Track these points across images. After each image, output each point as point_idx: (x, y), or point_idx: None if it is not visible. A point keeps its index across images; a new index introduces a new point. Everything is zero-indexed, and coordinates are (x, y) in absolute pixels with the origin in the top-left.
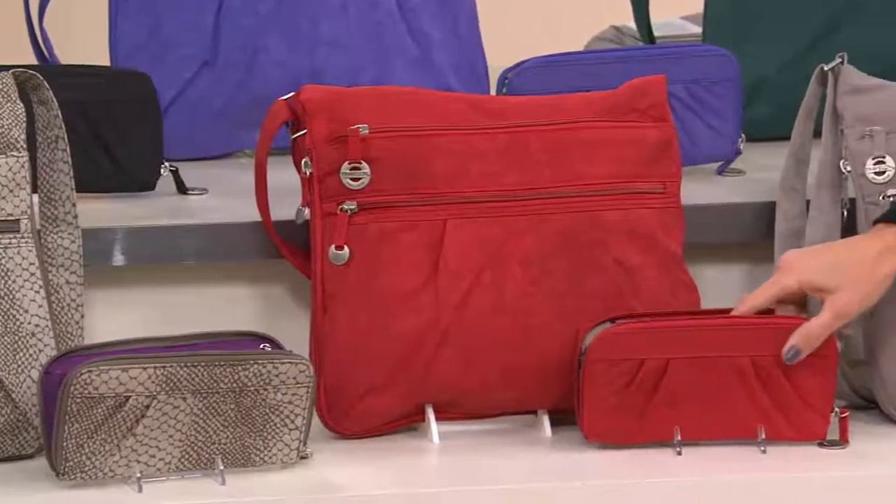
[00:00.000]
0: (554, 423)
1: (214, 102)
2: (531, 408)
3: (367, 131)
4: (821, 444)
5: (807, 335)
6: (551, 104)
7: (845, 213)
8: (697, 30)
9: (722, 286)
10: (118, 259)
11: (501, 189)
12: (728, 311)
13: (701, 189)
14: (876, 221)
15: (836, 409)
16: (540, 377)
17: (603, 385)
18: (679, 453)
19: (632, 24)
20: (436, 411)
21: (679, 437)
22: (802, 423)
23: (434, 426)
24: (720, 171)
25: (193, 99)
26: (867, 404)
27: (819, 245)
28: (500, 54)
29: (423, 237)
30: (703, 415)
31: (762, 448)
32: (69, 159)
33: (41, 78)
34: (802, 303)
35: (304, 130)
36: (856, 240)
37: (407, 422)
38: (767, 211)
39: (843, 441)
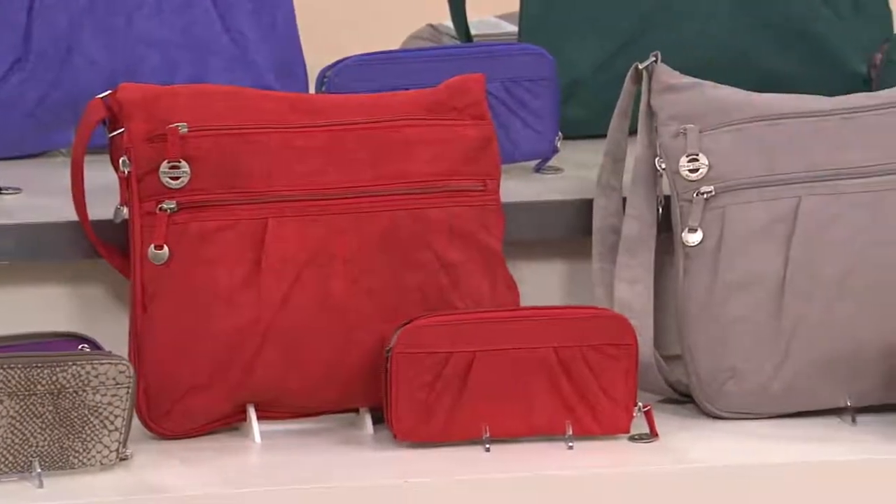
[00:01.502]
0: (377, 421)
1: (27, 101)
2: (353, 406)
3: (186, 130)
4: (631, 439)
5: None
6: (371, 102)
7: (661, 210)
8: (513, 28)
9: (541, 283)
10: None
11: (322, 188)
12: (548, 307)
13: (520, 187)
14: None
15: (640, 403)
16: (362, 375)
17: (410, 380)
18: (488, 450)
19: (448, 23)
20: (258, 410)
21: (488, 434)
22: (606, 417)
23: (256, 425)
24: (538, 169)
25: (4, 97)
26: (683, 398)
27: None
28: (319, 53)
29: (244, 236)
30: (511, 410)
31: (569, 444)
32: None
33: None
34: None
35: (122, 129)
36: None
37: (229, 421)
38: (585, 208)
39: (653, 435)
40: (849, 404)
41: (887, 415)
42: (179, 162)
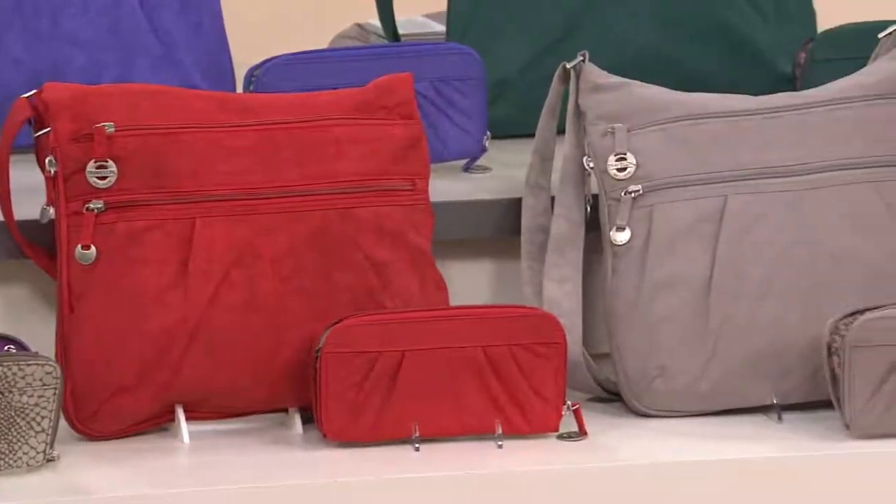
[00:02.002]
0: (306, 421)
1: None
2: (283, 406)
3: (113, 129)
4: (560, 437)
5: None
6: (300, 102)
7: (589, 209)
8: (440, 28)
9: (470, 282)
10: None
11: (251, 187)
12: (477, 307)
13: (448, 186)
14: None
15: (568, 402)
16: (291, 375)
17: (339, 380)
18: (417, 449)
19: (375, 22)
20: (187, 411)
21: (418, 434)
22: (536, 415)
23: (184, 426)
24: (467, 169)
25: None
26: (611, 397)
27: None
28: (246, 52)
29: (172, 236)
30: (441, 409)
31: (499, 443)
32: None
33: None
34: None
35: (48, 129)
36: None
37: (157, 422)
38: (514, 207)
39: (582, 433)
40: (775, 402)
41: (813, 412)
42: (106, 162)
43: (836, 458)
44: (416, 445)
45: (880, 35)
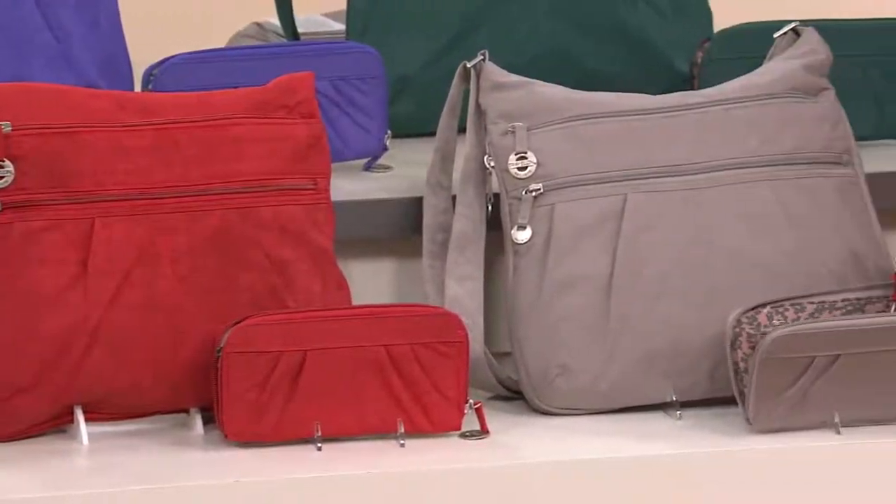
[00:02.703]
0: (208, 422)
1: None
2: (184, 406)
3: (9, 129)
4: (462, 436)
5: None
6: (200, 101)
7: (490, 207)
8: (340, 27)
9: (371, 281)
10: None
11: (150, 187)
12: (379, 306)
13: (350, 185)
14: None
15: (471, 401)
16: (191, 375)
17: (241, 380)
18: (319, 449)
19: (274, 21)
20: (86, 412)
21: (319, 433)
22: (438, 414)
23: (83, 427)
24: (368, 167)
25: None
26: (513, 395)
27: None
28: (144, 51)
29: (71, 236)
30: (343, 409)
31: (401, 442)
32: None
33: None
34: None
35: None
36: None
37: (56, 423)
38: (415, 206)
39: (484, 431)
40: (674, 399)
41: (711, 408)
42: (3, 161)
43: (735, 454)
44: (319, 445)
45: (776, 35)
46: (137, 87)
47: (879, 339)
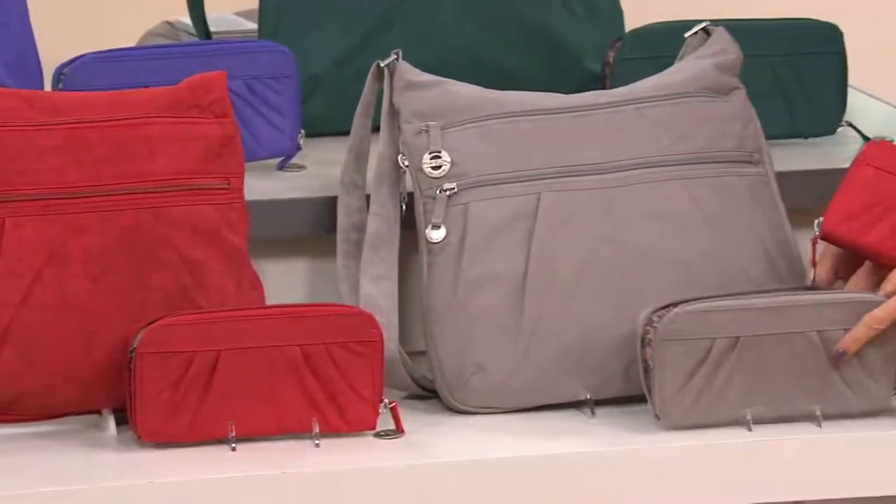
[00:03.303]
0: (121, 423)
1: None
2: (97, 407)
3: None
4: (377, 435)
5: None
6: (111, 100)
7: (404, 207)
8: (251, 25)
9: (285, 281)
10: None
11: (62, 187)
12: (294, 305)
13: (263, 184)
14: None
15: (386, 400)
16: (105, 376)
17: (154, 381)
18: (234, 449)
19: (185, 19)
20: None
21: (234, 433)
22: (353, 414)
23: None
24: (281, 167)
25: None
26: (428, 394)
27: None
28: (53, 50)
29: None
30: (258, 409)
31: (316, 442)
32: None
33: None
34: None
35: None
36: None
37: None
38: (329, 205)
39: (399, 431)
40: (588, 397)
41: (624, 407)
42: None
43: (645, 451)
44: (233, 445)
45: (686, 35)
46: (48, 87)
47: (778, 321)
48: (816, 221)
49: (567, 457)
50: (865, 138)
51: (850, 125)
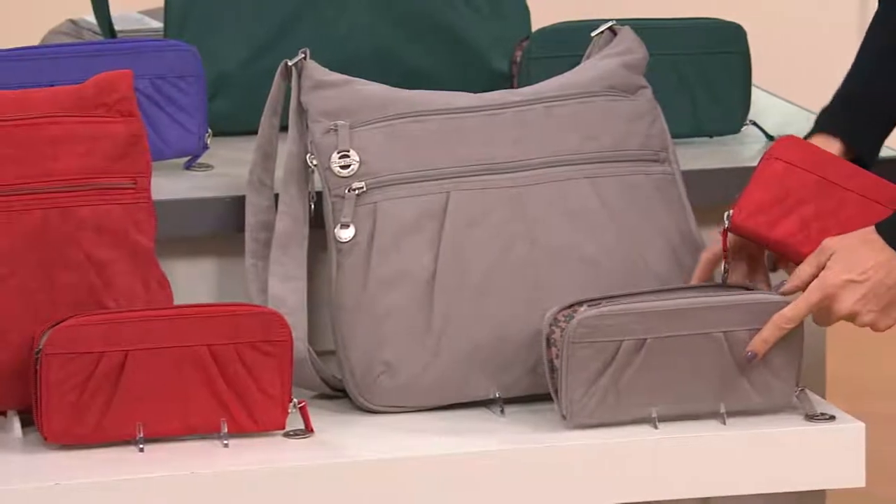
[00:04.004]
0: (26, 424)
1: None
2: (2, 409)
3: None
4: (286, 435)
5: None
6: (15, 99)
7: (312, 206)
8: (156, 24)
9: (193, 280)
10: None
11: None
12: (201, 305)
13: (170, 184)
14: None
15: (295, 400)
16: (10, 377)
17: (61, 382)
18: (141, 450)
19: (89, 18)
20: None
21: (142, 434)
22: (262, 413)
23: None
24: (188, 166)
25: None
26: (337, 394)
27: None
28: None
29: None
30: (166, 409)
31: (224, 442)
32: None
33: None
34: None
35: None
36: None
37: None
38: (237, 205)
39: (308, 430)
40: (498, 396)
41: (534, 405)
42: None
43: (553, 450)
44: (141, 446)
45: (593, 34)
46: None
47: (683, 322)
48: (726, 214)
49: (476, 455)
50: (769, 137)
51: (754, 124)
